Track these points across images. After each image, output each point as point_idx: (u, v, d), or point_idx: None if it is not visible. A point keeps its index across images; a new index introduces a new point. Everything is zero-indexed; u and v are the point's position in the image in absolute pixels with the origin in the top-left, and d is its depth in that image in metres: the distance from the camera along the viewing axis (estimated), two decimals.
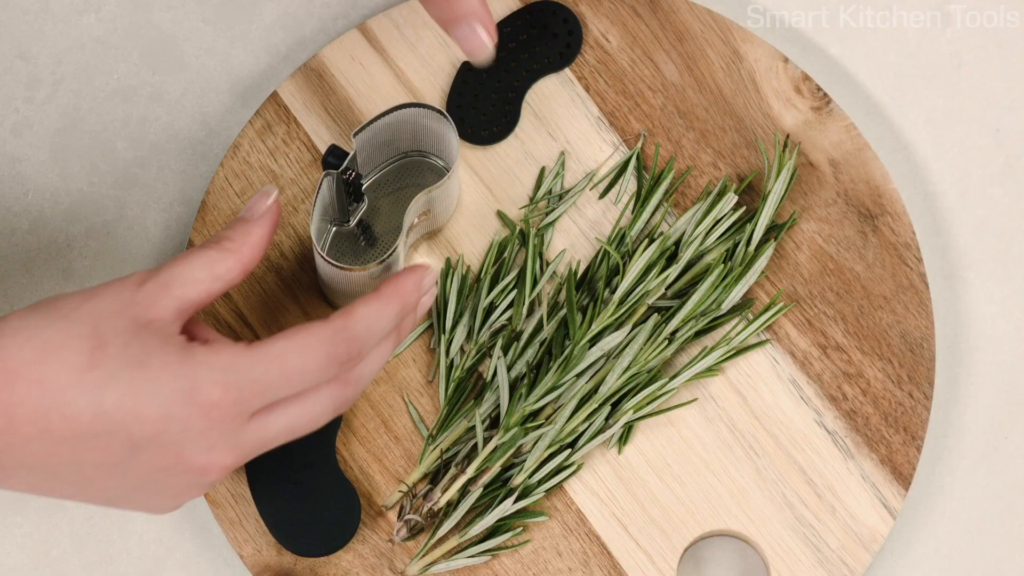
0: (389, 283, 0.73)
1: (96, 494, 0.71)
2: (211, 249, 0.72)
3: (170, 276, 0.71)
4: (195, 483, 0.71)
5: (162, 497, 0.72)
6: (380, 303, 0.72)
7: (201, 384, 0.68)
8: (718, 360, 0.82)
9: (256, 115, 0.85)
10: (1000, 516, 0.85)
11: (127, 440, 0.68)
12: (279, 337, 0.70)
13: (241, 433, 0.69)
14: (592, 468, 0.82)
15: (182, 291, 0.70)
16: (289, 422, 0.71)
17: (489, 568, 0.81)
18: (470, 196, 0.85)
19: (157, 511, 0.74)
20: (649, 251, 0.82)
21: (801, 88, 0.86)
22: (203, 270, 0.72)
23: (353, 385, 0.72)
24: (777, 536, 0.82)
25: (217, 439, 0.69)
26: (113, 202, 0.87)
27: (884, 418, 0.83)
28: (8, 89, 0.88)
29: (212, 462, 0.69)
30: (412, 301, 0.73)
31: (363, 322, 0.71)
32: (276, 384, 0.69)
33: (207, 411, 0.68)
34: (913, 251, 0.84)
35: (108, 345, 0.68)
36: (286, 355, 0.69)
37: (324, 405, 0.71)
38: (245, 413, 0.69)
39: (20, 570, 0.83)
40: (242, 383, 0.68)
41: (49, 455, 0.68)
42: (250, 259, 0.73)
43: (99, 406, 0.67)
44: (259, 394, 0.69)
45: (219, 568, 0.83)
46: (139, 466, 0.69)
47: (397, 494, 0.81)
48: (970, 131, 0.89)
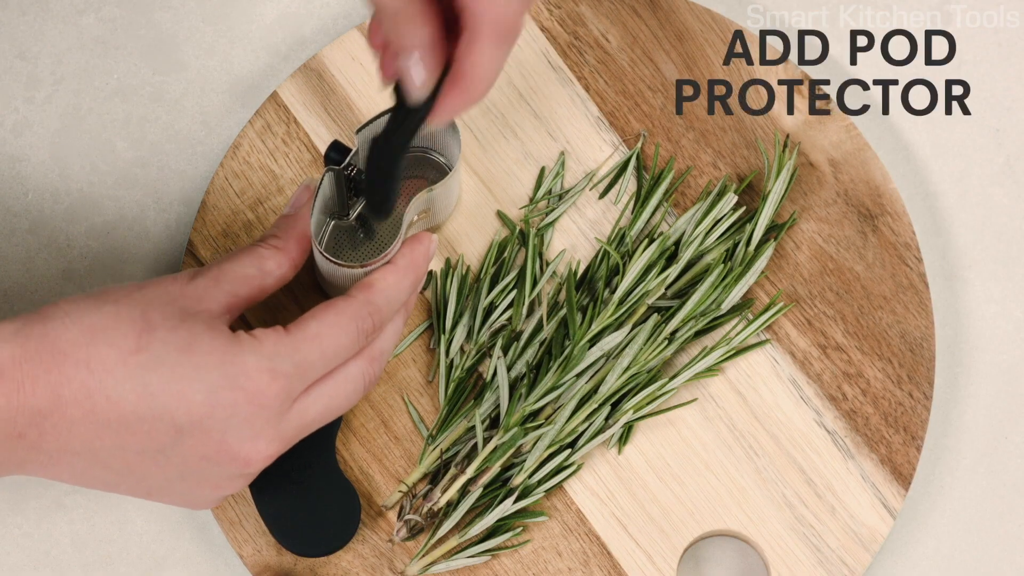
0: (403, 255, 0.75)
1: (138, 484, 0.71)
2: (259, 247, 0.74)
3: (220, 272, 0.72)
4: (237, 474, 0.71)
5: (203, 488, 0.72)
6: (398, 275, 0.74)
7: (249, 370, 0.68)
8: (718, 360, 0.82)
9: (256, 115, 0.85)
10: (1000, 516, 0.85)
11: (171, 425, 0.68)
12: (311, 318, 0.71)
13: (284, 419, 0.70)
14: (592, 468, 0.82)
15: (231, 287, 0.72)
16: (327, 403, 0.72)
17: (489, 568, 0.81)
18: (470, 196, 0.85)
19: (196, 505, 0.74)
20: (649, 251, 0.82)
21: (801, 88, 0.86)
22: (252, 267, 0.73)
23: (377, 360, 0.74)
24: (777, 536, 0.82)
25: (262, 426, 0.69)
26: (113, 202, 0.87)
27: (884, 418, 0.83)
28: (8, 89, 0.88)
29: (256, 450, 0.70)
30: (423, 271, 0.76)
31: (383, 293, 0.73)
32: (316, 364, 0.71)
33: (253, 397, 0.68)
34: (913, 251, 0.84)
35: (156, 329, 0.69)
36: (321, 334, 0.71)
37: (355, 382, 0.73)
38: (290, 398, 0.70)
39: (20, 570, 0.83)
40: (287, 368, 0.69)
41: (94, 439, 0.68)
42: (297, 253, 0.75)
43: (144, 388, 0.67)
44: (302, 377, 0.70)
45: (219, 568, 0.83)
46: (182, 452, 0.69)
47: (397, 494, 0.81)
48: (970, 131, 0.89)
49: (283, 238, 0.75)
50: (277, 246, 0.75)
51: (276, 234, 0.76)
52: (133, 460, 0.69)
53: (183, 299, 0.71)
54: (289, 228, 0.76)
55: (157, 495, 0.73)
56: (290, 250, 0.75)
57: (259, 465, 0.71)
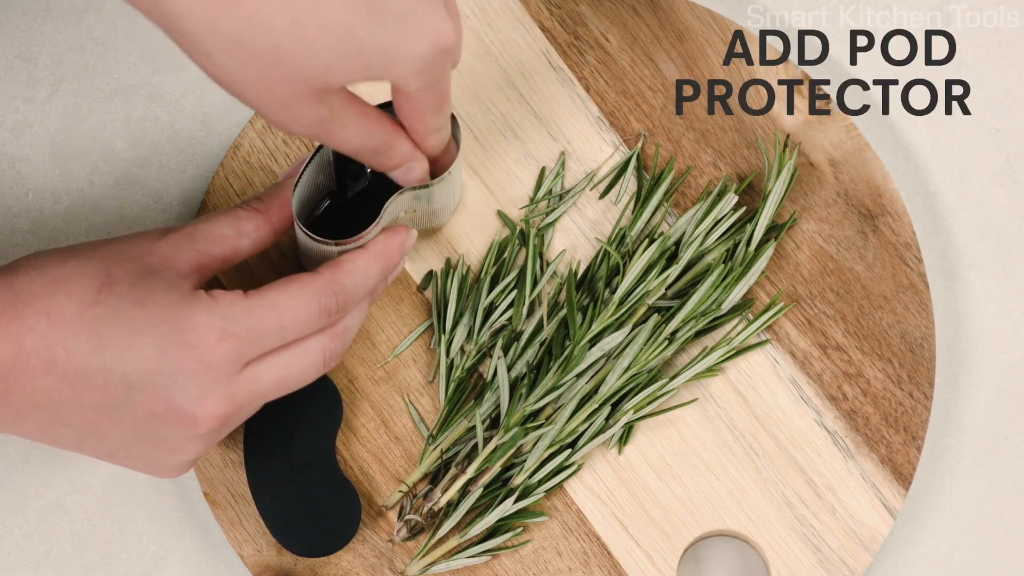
0: (377, 242, 0.75)
1: (98, 443, 0.71)
2: (239, 208, 0.75)
3: (195, 230, 0.72)
4: (188, 435, 0.71)
5: (158, 451, 0.72)
6: (368, 259, 0.74)
7: (198, 328, 0.69)
8: (718, 360, 0.82)
9: (256, 115, 0.85)
10: (1000, 516, 0.85)
11: (123, 379, 0.68)
12: (273, 287, 0.71)
13: (233, 382, 0.70)
14: (592, 468, 0.82)
15: (204, 245, 0.72)
16: (280, 373, 0.72)
17: (489, 568, 0.81)
18: (470, 196, 0.85)
19: (160, 470, 0.74)
20: (649, 251, 0.82)
21: (801, 88, 0.86)
22: (228, 227, 0.73)
23: (340, 338, 0.74)
24: (777, 536, 0.82)
25: (210, 386, 0.69)
26: (113, 202, 0.87)
27: (884, 418, 0.83)
28: (8, 89, 0.88)
29: (203, 409, 0.70)
30: (394, 262, 0.76)
31: (350, 276, 0.73)
32: (271, 332, 0.70)
33: (201, 355, 0.69)
34: (913, 251, 0.84)
35: (116, 284, 0.69)
36: (281, 304, 0.71)
37: (314, 357, 0.73)
38: (239, 361, 0.70)
39: (20, 570, 0.83)
40: (238, 330, 0.69)
41: (54, 392, 0.69)
42: (278, 219, 0.75)
43: (98, 341, 0.68)
44: (254, 342, 0.70)
45: (219, 568, 0.83)
46: (133, 409, 0.69)
47: (397, 494, 0.81)
48: (970, 131, 0.89)
49: (266, 201, 0.75)
50: (258, 208, 0.75)
51: (260, 197, 0.75)
52: (91, 416, 0.70)
53: (150, 256, 0.71)
54: (275, 193, 0.76)
55: (119, 457, 0.73)
56: (271, 215, 0.75)
57: (207, 425, 0.70)
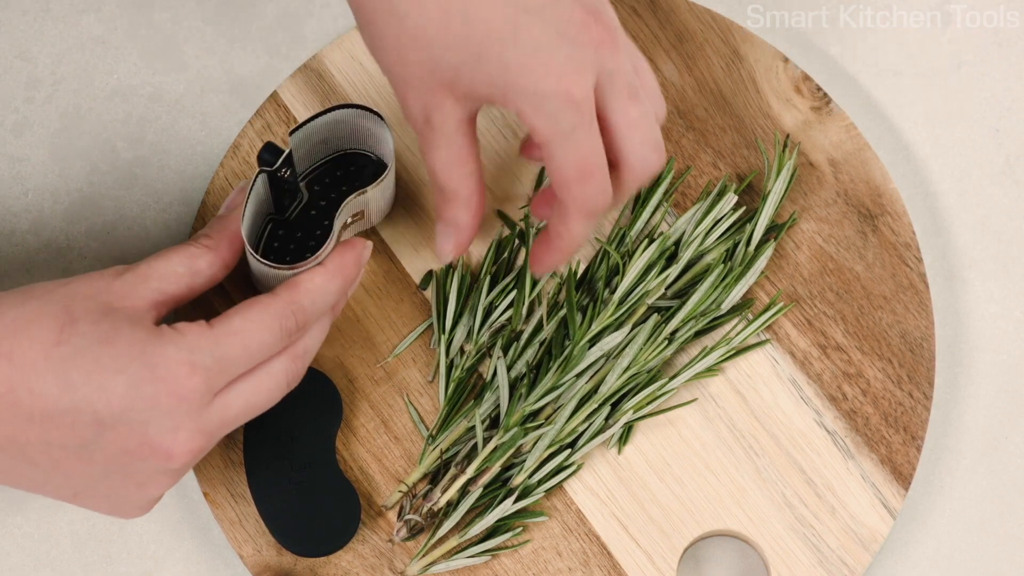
0: (333, 258, 0.75)
1: (64, 482, 0.71)
2: (190, 245, 0.75)
3: (149, 269, 0.73)
4: (160, 469, 0.71)
5: (127, 486, 0.71)
6: (325, 277, 0.75)
7: (168, 362, 0.69)
8: (718, 360, 0.82)
9: (256, 115, 0.85)
10: (1000, 516, 0.85)
11: (93, 417, 0.68)
12: (235, 313, 0.71)
13: (205, 413, 0.70)
14: (592, 468, 0.82)
15: (159, 284, 0.72)
16: (247, 399, 0.72)
17: (489, 568, 0.81)
18: None
19: (125, 510, 0.73)
20: (649, 251, 0.82)
21: (801, 88, 0.86)
22: (182, 265, 0.73)
23: (300, 359, 0.74)
24: (777, 536, 0.82)
25: (183, 419, 0.69)
26: (113, 202, 0.87)
27: (884, 418, 0.83)
28: (8, 89, 0.88)
29: (177, 444, 0.70)
30: (352, 275, 0.76)
31: (309, 294, 0.74)
32: (238, 359, 0.71)
33: (173, 389, 0.69)
34: (913, 251, 0.84)
35: (78, 323, 0.69)
36: (244, 329, 0.71)
37: (278, 379, 0.73)
38: (210, 392, 0.70)
39: (20, 570, 0.83)
40: (207, 361, 0.69)
41: (18, 433, 0.68)
42: (229, 254, 0.75)
43: (66, 381, 0.68)
44: (223, 371, 0.70)
45: (219, 568, 0.83)
46: (104, 446, 0.69)
47: (397, 494, 0.81)
48: (970, 131, 0.89)
49: (215, 238, 0.75)
50: (208, 246, 0.75)
51: (208, 234, 0.76)
52: (58, 456, 0.69)
53: (108, 294, 0.71)
54: (222, 228, 0.76)
55: (83, 497, 0.72)
56: (221, 250, 0.75)
57: (181, 460, 0.70)
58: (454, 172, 0.74)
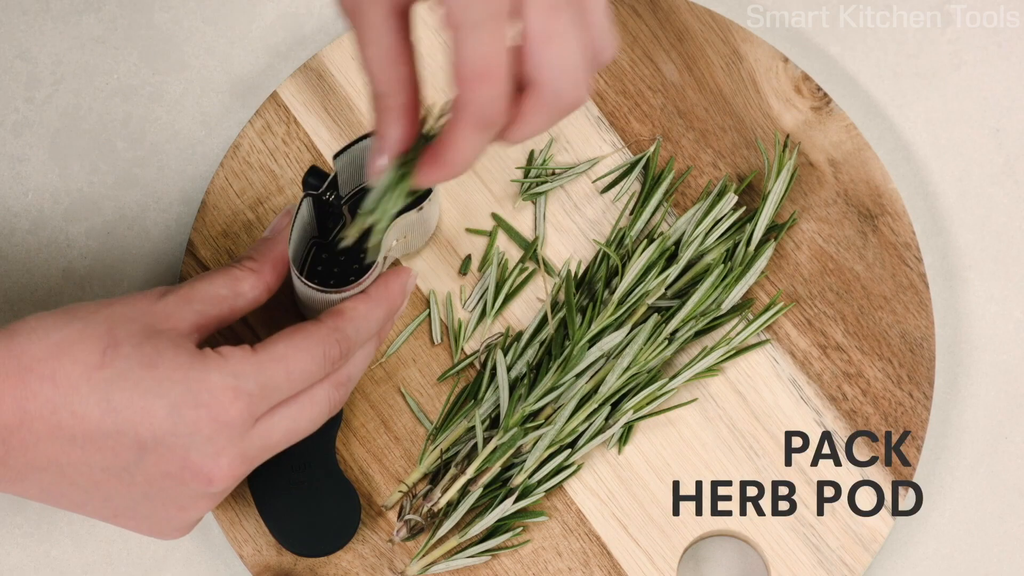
0: (377, 286, 0.75)
1: (104, 503, 0.71)
2: (235, 268, 0.74)
3: (192, 291, 0.72)
4: (200, 493, 0.71)
5: (168, 509, 0.71)
6: (369, 305, 0.74)
7: (212, 388, 0.68)
8: (718, 360, 0.82)
9: (256, 115, 0.85)
10: (1000, 516, 0.85)
11: (135, 441, 0.68)
12: (279, 339, 0.71)
13: (247, 439, 0.70)
14: (592, 468, 0.82)
15: (202, 306, 0.72)
16: (289, 425, 0.71)
17: (489, 568, 0.81)
18: (470, 196, 0.85)
19: (165, 531, 0.73)
20: (649, 251, 0.82)
21: (801, 88, 0.86)
22: (225, 287, 0.73)
23: (344, 386, 0.74)
24: (777, 536, 0.82)
25: (225, 444, 0.69)
26: (113, 202, 0.87)
27: (884, 418, 0.83)
28: (8, 89, 0.88)
29: (219, 468, 0.69)
30: (397, 304, 0.76)
31: (352, 323, 0.73)
32: (280, 386, 0.70)
33: (216, 415, 0.68)
34: (913, 251, 0.84)
35: (121, 345, 0.68)
36: (288, 356, 0.70)
37: (320, 406, 0.73)
38: (252, 418, 0.69)
39: (20, 570, 0.83)
40: (250, 387, 0.69)
41: (60, 454, 0.68)
42: (272, 277, 0.75)
43: (108, 404, 0.67)
44: (265, 397, 0.70)
45: (219, 568, 0.83)
46: (146, 469, 0.69)
47: (397, 494, 0.81)
48: (970, 131, 0.89)
49: (259, 261, 0.75)
50: (253, 268, 0.75)
51: (253, 256, 0.75)
52: (99, 477, 0.69)
53: (150, 316, 0.70)
54: (266, 251, 0.76)
55: (123, 518, 0.72)
56: (265, 273, 0.75)
57: (222, 484, 0.70)
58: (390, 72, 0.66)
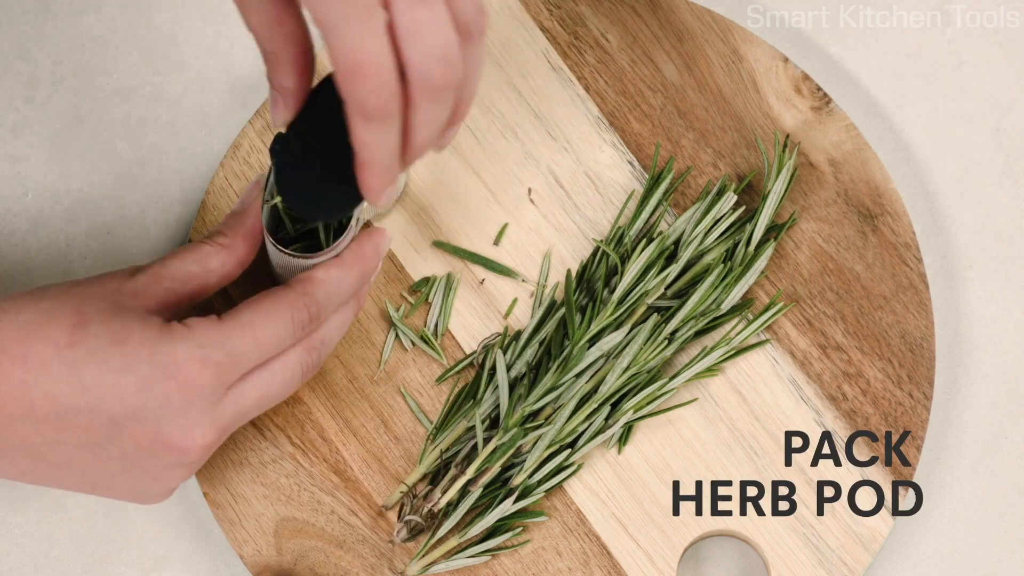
0: (351, 249, 0.74)
1: (81, 478, 0.71)
2: (204, 244, 0.74)
3: (162, 268, 0.72)
4: (175, 463, 0.71)
5: (144, 480, 0.72)
6: (341, 269, 0.74)
7: (180, 359, 0.69)
8: (718, 360, 0.82)
9: (256, 115, 0.85)
10: (1000, 516, 0.85)
11: (107, 416, 0.68)
12: (246, 306, 0.71)
13: (218, 407, 0.70)
14: (592, 468, 0.82)
15: (171, 284, 0.72)
16: (262, 391, 0.72)
17: (489, 568, 0.81)
18: (471, 196, 0.85)
19: (145, 499, 0.74)
20: (648, 251, 0.82)
21: (801, 88, 0.86)
22: (196, 264, 0.73)
23: (317, 350, 0.74)
24: (777, 536, 0.82)
25: (196, 415, 0.69)
26: (113, 202, 0.87)
27: (884, 418, 0.83)
28: (8, 89, 0.88)
29: (192, 439, 0.70)
30: (371, 267, 0.76)
31: (323, 286, 0.73)
32: (249, 353, 0.71)
33: (185, 386, 0.69)
34: (913, 251, 0.84)
35: (90, 323, 0.69)
36: (255, 323, 0.71)
37: (293, 371, 0.73)
38: (222, 386, 0.70)
39: (20, 570, 0.83)
40: (218, 356, 0.69)
41: (34, 434, 0.69)
42: (244, 251, 0.75)
43: (79, 382, 0.68)
44: (234, 365, 0.70)
45: (219, 568, 0.83)
46: (120, 444, 0.69)
47: (397, 494, 0.81)
48: (970, 131, 0.89)
49: (230, 235, 0.75)
50: (223, 243, 0.74)
51: (223, 231, 0.75)
52: (73, 454, 0.70)
53: (119, 294, 0.71)
54: (237, 225, 0.75)
55: (102, 489, 0.73)
56: (236, 248, 0.75)
57: (196, 455, 0.71)
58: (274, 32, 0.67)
